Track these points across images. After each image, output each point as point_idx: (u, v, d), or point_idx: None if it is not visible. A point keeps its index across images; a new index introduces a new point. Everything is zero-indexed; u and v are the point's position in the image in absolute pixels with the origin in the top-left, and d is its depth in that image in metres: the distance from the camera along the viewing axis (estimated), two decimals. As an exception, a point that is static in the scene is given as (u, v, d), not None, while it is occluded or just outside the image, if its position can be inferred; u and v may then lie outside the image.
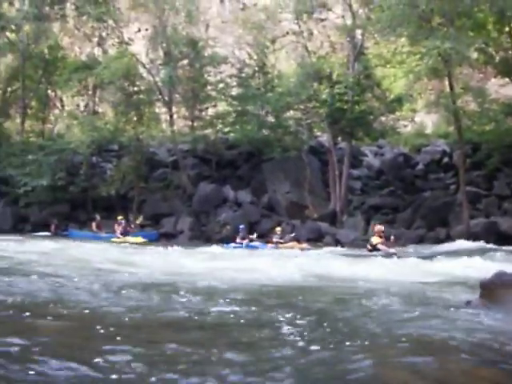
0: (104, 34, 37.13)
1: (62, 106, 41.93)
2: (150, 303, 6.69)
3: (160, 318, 5.78)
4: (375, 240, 18.91)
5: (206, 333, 5.19)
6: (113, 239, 25.97)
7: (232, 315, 5.95)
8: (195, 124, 33.72)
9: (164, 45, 33.05)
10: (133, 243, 23.40)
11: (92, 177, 32.59)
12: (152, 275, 10.13)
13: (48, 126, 39.12)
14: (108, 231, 28.03)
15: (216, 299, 7.00)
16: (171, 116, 32.22)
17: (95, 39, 38.46)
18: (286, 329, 5.18)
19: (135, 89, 32.25)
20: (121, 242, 24.25)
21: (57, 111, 40.82)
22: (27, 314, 5.50)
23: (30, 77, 37.11)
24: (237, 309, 6.34)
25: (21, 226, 31.76)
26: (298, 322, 5.59)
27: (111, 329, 4.99)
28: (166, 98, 32.22)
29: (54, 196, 31.51)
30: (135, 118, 32.33)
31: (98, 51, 38.92)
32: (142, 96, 32.34)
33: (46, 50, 37.25)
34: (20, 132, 36.79)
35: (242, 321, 5.68)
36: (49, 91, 38.78)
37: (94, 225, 28.87)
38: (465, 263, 13.27)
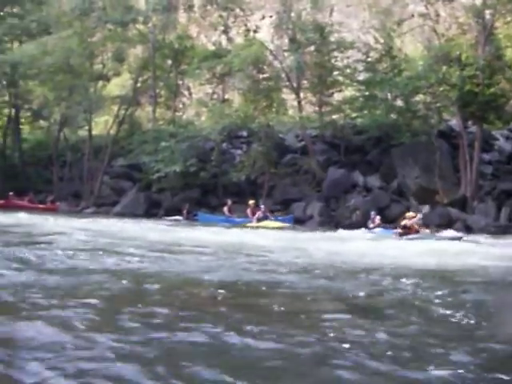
0: (229, 23, 38.08)
1: (190, 93, 43.26)
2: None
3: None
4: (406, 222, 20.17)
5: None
6: (248, 224, 26.34)
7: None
8: (323, 109, 33.93)
9: (289, 31, 33.49)
10: (273, 228, 23.93)
11: (222, 163, 33.45)
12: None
13: (177, 113, 40.38)
14: (240, 215, 28.82)
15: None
16: (299, 102, 32.61)
17: (221, 28, 39.36)
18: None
19: (264, 75, 32.72)
20: (259, 227, 24.52)
21: (184, 99, 42.11)
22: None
23: (160, 67, 38.59)
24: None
25: (154, 210, 33.09)
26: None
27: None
28: (294, 84, 32.64)
29: (185, 182, 32.60)
30: (264, 105, 32.88)
31: (223, 39, 39.84)
32: (270, 83, 32.81)
33: (174, 40, 38.50)
34: (152, 120, 38.31)
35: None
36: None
37: (226, 209, 29.56)
38: None
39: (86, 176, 38.63)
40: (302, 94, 33.30)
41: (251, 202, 28.71)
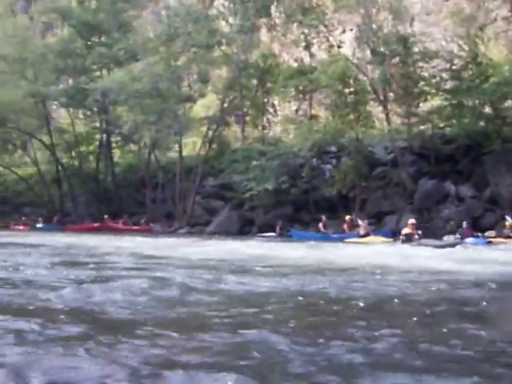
0: (310, 39, 38.75)
1: (275, 111, 44.15)
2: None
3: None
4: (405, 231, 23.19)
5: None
6: (349, 239, 26.26)
7: None
8: (411, 120, 34.10)
9: (371, 44, 33.86)
10: (377, 243, 24.03)
11: (313, 178, 34.01)
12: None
13: (265, 131, 41.29)
14: (335, 231, 29.28)
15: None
16: (387, 114, 32.89)
17: (302, 44, 40.07)
18: None
19: (351, 89, 33.13)
20: (362, 243, 24.53)
21: (269, 117, 42.97)
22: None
23: (246, 86, 39.64)
24: None
25: (247, 228, 33.99)
26: None
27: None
28: (381, 97, 32.98)
29: (277, 199, 33.29)
30: (352, 118, 33.32)
31: (305, 56, 40.48)
32: (357, 96, 33.22)
33: (259, 59, 39.48)
34: (240, 139, 39.34)
35: None
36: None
37: (321, 225, 29.98)
38: None
39: (178, 197, 39.88)
40: (389, 106, 33.56)
41: (347, 217, 29.15)
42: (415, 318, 6.30)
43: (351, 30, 38.94)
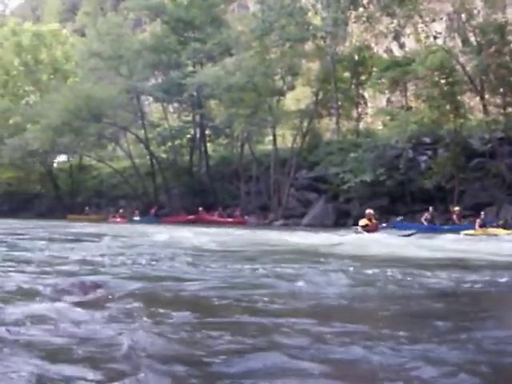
0: (400, 29, 39.04)
1: (365, 103, 44.55)
2: None
3: None
4: (362, 222, 23.33)
5: None
6: (465, 231, 25.26)
7: None
8: (507, 110, 33.97)
9: (467, 33, 33.86)
10: (502, 234, 23.44)
11: (408, 170, 34.29)
12: None
13: (357, 123, 41.85)
14: (441, 223, 29.57)
15: None
16: (484, 105, 32.91)
17: (391, 35, 40.42)
18: None
19: (449, 80, 33.16)
20: (483, 234, 24.04)
21: (360, 109, 43.39)
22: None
23: (340, 78, 40.25)
24: None
25: (342, 220, 34.57)
26: None
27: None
28: (478, 87, 33.03)
29: (372, 190, 33.68)
30: (449, 109, 33.44)
31: (394, 46, 40.82)
32: (454, 87, 33.31)
33: (353, 52, 40.03)
34: (335, 131, 40.01)
35: None
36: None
37: (427, 216, 29.98)
38: None
39: (272, 189, 40.79)
40: (486, 96, 33.54)
41: (456, 208, 29.33)
42: None
43: (441, 19, 38.96)
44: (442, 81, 33.32)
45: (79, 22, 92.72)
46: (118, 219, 44.62)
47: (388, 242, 18.66)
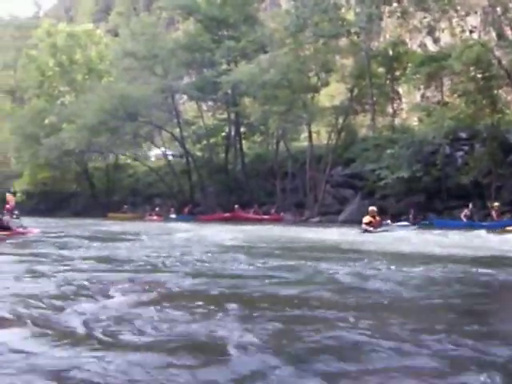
0: (434, 24, 38.82)
1: (399, 98, 44.40)
2: None
3: None
4: (366, 219, 23.45)
5: None
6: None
7: None
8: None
9: (503, 27, 33.62)
10: None
11: (445, 166, 34.08)
12: None
13: (393, 119, 41.72)
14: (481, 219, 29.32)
15: None
16: (522, 99, 32.74)
17: (425, 30, 40.22)
18: None
19: (485, 74, 32.90)
20: None
21: (395, 105, 43.23)
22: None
23: (375, 74, 40.20)
24: None
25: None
26: None
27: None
28: (515, 82, 32.78)
29: (409, 187, 33.52)
30: (486, 104, 33.20)
31: (428, 41, 40.58)
32: (491, 82, 33.07)
33: (388, 47, 39.94)
34: (370, 127, 39.97)
35: None
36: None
37: (467, 213, 29.84)
38: None
39: (308, 186, 40.88)
40: (522, 91, 33.31)
41: (495, 204, 28.98)
42: None
43: (476, 12, 38.70)
44: (479, 75, 33.00)
45: (112, 22, 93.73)
46: (155, 217, 45.22)
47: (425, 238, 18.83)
